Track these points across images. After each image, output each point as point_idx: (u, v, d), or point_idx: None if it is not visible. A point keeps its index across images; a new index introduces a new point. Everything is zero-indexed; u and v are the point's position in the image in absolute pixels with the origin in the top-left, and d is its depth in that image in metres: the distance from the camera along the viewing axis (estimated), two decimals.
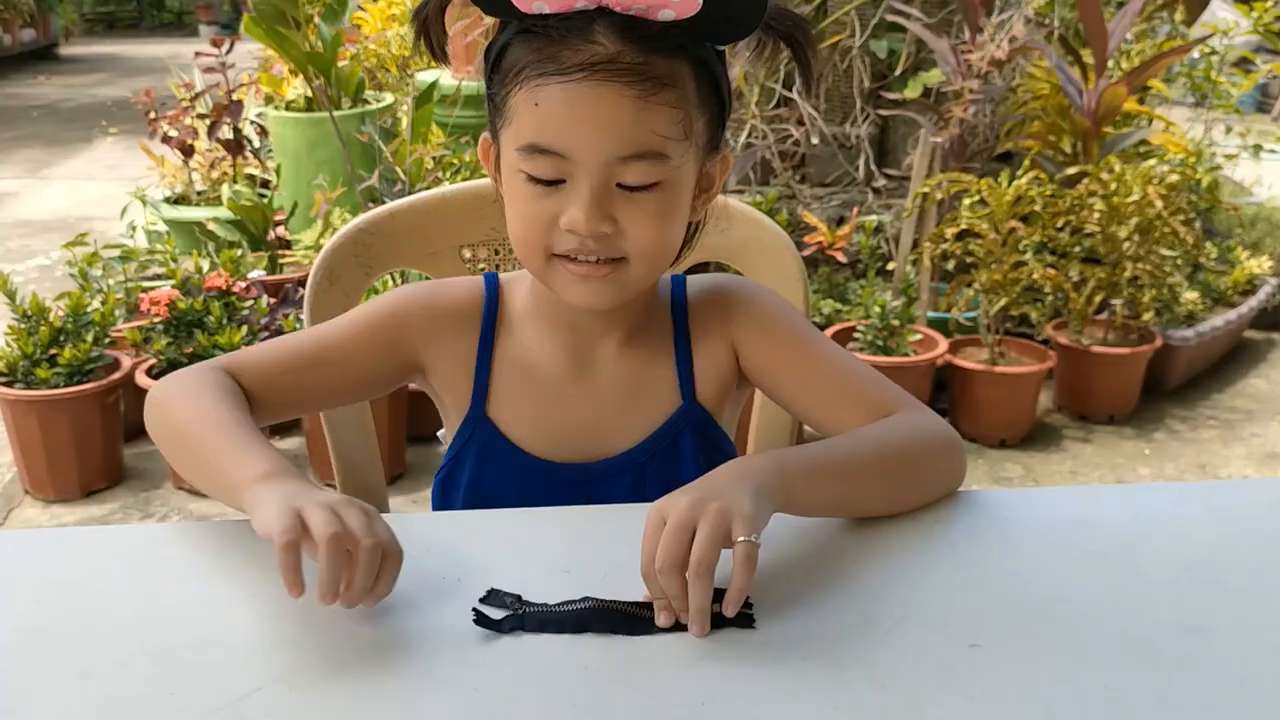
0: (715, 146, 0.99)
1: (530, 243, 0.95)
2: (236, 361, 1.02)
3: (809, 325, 1.10)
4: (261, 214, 3.60)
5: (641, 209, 0.92)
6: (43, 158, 7.04)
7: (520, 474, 1.07)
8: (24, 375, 2.77)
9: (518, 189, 0.95)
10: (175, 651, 0.78)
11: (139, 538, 0.98)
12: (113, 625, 0.81)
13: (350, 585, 0.78)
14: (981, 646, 0.79)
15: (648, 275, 0.98)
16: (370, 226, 1.31)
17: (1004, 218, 3.09)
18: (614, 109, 0.88)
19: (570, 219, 0.91)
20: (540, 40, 0.90)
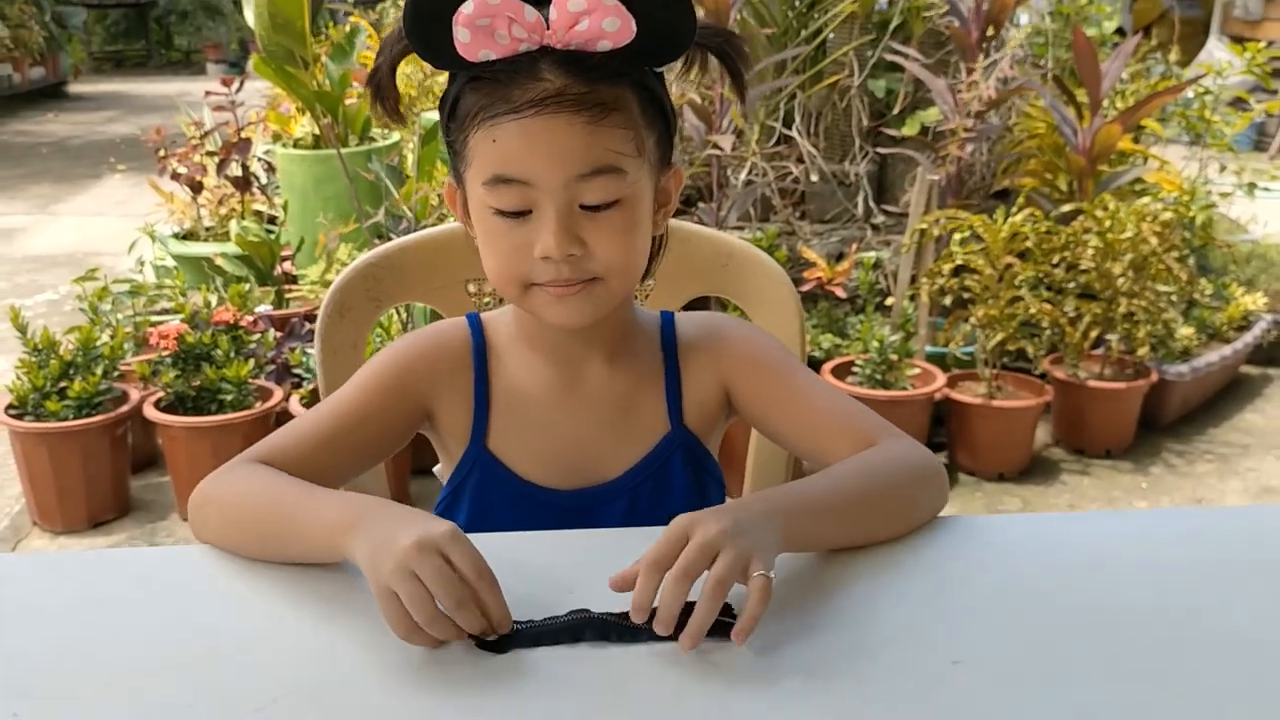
0: (667, 162, 1.06)
1: (507, 276, 1.01)
2: (265, 450, 1.03)
3: (794, 360, 1.14)
4: (268, 249, 3.65)
5: (606, 226, 0.97)
6: (52, 194, 7.12)
7: (519, 502, 1.10)
8: (34, 408, 2.81)
9: (488, 226, 1.00)
10: (194, 665, 0.82)
11: (155, 559, 1.01)
12: (132, 642, 0.85)
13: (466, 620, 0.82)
14: (963, 663, 0.82)
15: (620, 290, 1.02)
16: (380, 261, 1.35)
17: (1000, 254, 3.13)
18: (567, 135, 0.94)
19: (542, 246, 0.96)
20: (490, 85, 0.96)
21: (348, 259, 3.42)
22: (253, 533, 0.96)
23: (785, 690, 0.79)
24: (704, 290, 1.42)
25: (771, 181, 3.84)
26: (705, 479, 1.14)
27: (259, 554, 0.96)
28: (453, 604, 0.80)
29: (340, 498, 0.93)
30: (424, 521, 0.84)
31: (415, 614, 0.80)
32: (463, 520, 1.13)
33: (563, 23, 0.93)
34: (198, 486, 1.01)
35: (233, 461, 1.03)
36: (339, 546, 0.88)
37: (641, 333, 1.13)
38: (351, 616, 0.87)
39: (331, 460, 1.05)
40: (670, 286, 1.39)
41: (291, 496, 0.95)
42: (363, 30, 4.28)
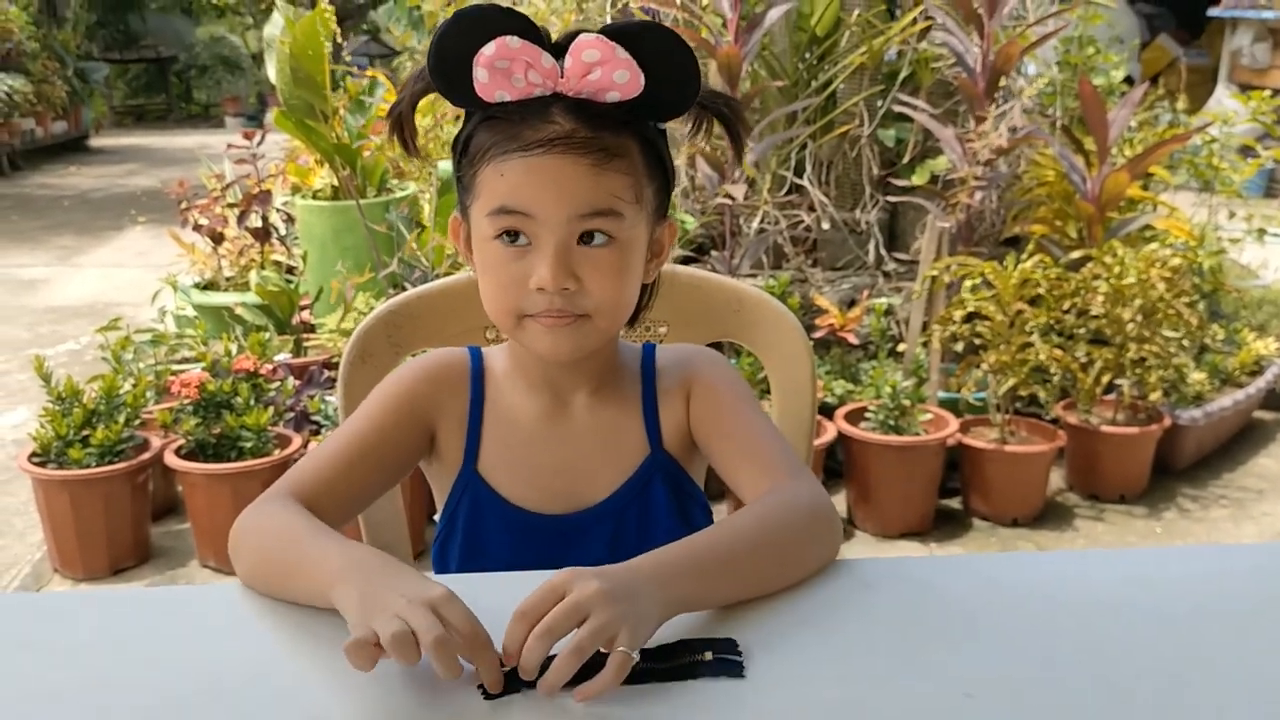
0: (663, 215, 1.12)
1: (503, 306, 1.06)
2: (292, 484, 1.07)
3: (747, 397, 1.18)
4: (288, 299, 3.70)
5: (600, 265, 1.03)
6: (74, 245, 7.22)
7: (508, 526, 1.15)
8: (57, 455, 2.85)
9: (489, 256, 1.06)
10: (202, 704, 0.84)
11: (164, 599, 1.04)
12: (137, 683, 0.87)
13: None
14: (975, 697, 0.84)
15: (608, 328, 1.08)
16: (400, 309, 1.39)
17: (1011, 300, 3.16)
18: (572, 175, 1.00)
19: (538, 278, 1.01)
20: (503, 124, 1.02)
21: (365, 308, 3.47)
22: (271, 575, 0.99)
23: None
24: (716, 336, 1.46)
25: (784, 229, 3.89)
26: (687, 503, 1.19)
27: (279, 595, 0.98)
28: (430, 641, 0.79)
29: (343, 548, 0.94)
30: (420, 583, 0.85)
31: (392, 648, 0.79)
32: (458, 548, 1.17)
33: (576, 71, 1.00)
34: (236, 522, 1.04)
35: (264, 496, 1.06)
36: (330, 595, 0.90)
37: (624, 365, 1.19)
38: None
39: (351, 486, 1.10)
40: (683, 332, 1.43)
41: (302, 541, 0.97)
42: (381, 84, 4.37)
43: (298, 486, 1.06)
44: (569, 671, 0.82)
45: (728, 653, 0.88)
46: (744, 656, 0.88)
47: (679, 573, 0.92)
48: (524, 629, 0.83)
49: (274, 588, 0.99)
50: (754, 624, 0.93)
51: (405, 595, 0.83)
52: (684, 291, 1.42)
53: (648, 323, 1.44)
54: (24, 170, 10.27)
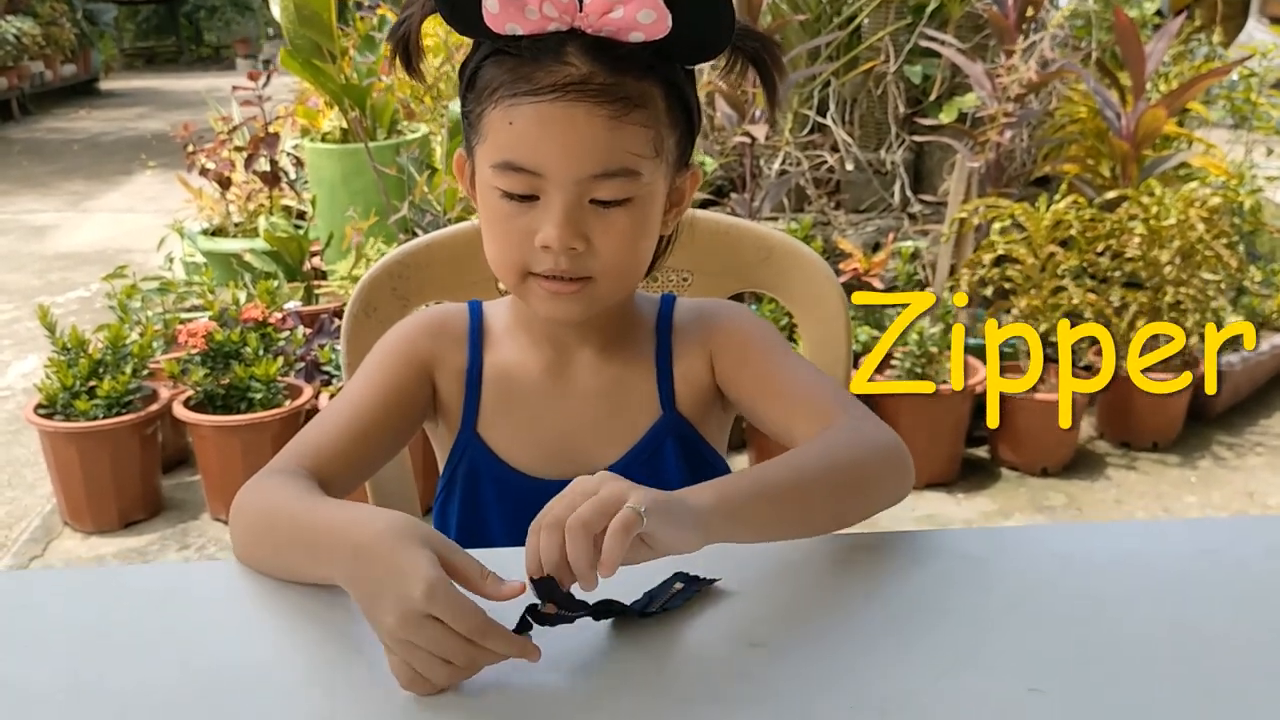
0: (686, 163, 1.02)
1: (506, 261, 0.98)
2: (298, 453, 0.99)
3: (778, 341, 1.10)
4: (297, 245, 3.62)
5: (613, 226, 0.95)
6: (83, 191, 7.15)
7: (508, 491, 1.08)
8: (63, 407, 2.79)
9: (493, 206, 0.97)
10: (212, 697, 0.77)
11: (176, 576, 0.97)
12: (148, 670, 0.80)
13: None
14: (1042, 691, 0.76)
15: (616, 291, 1.01)
16: (407, 258, 1.30)
17: (1043, 242, 3.05)
18: (586, 128, 0.91)
19: (544, 235, 0.93)
20: (513, 61, 0.92)
21: (376, 255, 3.38)
22: (268, 556, 0.92)
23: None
24: (744, 286, 1.37)
25: (806, 171, 3.78)
26: (704, 470, 1.08)
27: (282, 576, 0.91)
28: (464, 663, 0.75)
29: (333, 526, 0.85)
30: (399, 578, 0.74)
31: (432, 679, 0.75)
32: (456, 513, 1.11)
33: (596, 7, 0.89)
34: (236, 497, 0.97)
35: (268, 468, 0.99)
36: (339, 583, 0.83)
37: (639, 319, 1.11)
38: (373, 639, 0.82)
39: (366, 449, 1.03)
40: (708, 282, 1.34)
41: (298, 522, 0.89)
42: (389, 22, 4.24)
43: (303, 456, 0.99)
44: (585, 549, 0.76)
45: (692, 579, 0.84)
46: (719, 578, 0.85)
47: (729, 496, 0.86)
48: (557, 535, 0.77)
49: (273, 568, 0.92)
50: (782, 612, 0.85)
51: (398, 609, 0.74)
52: (709, 239, 1.33)
53: (671, 273, 1.35)
54: (34, 114, 10.17)
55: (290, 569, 0.90)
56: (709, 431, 1.12)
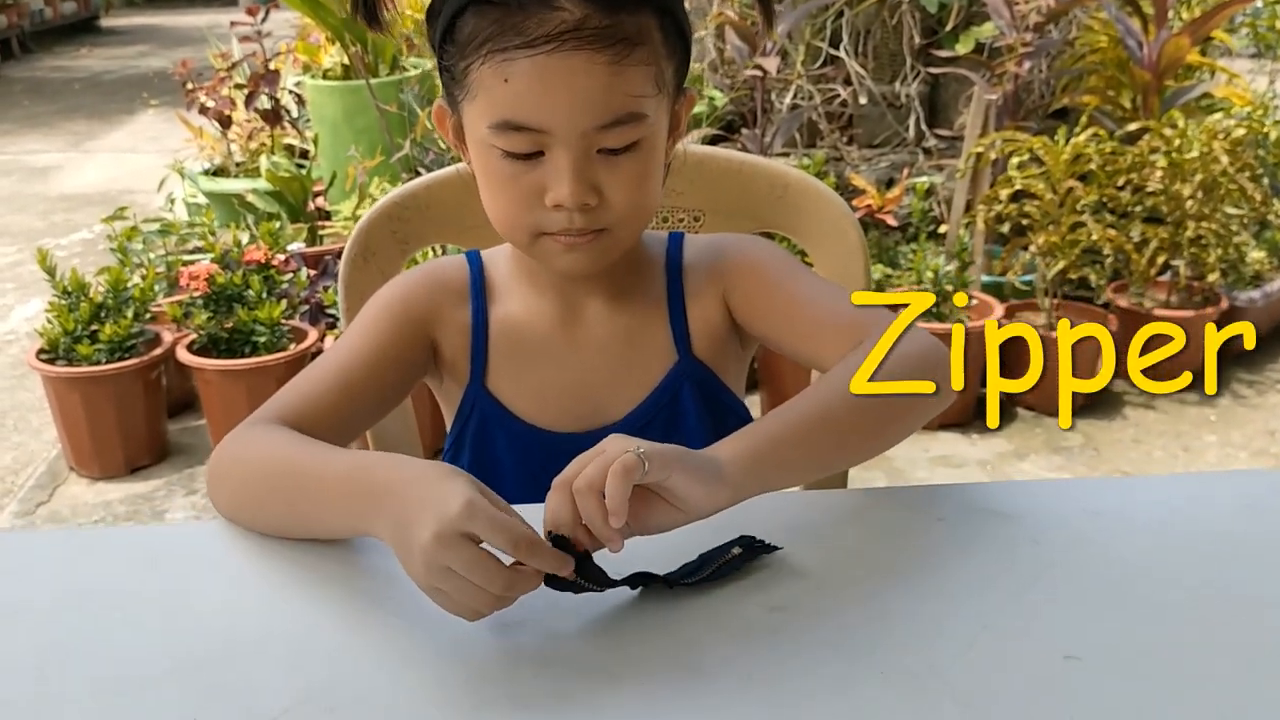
0: (681, 87, 0.96)
1: (515, 224, 0.93)
2: (284, 406, 0.94)
3: (794, 264, 1.05)
4: (300, 185, 3.55)
5: (623, 173, 0.90)
6: (85, 130, 7.07)
7: (521, 446, 1.04)
8: (65, 352, 2.75)
9: (492, 166, 0.91)
10: (200, 668, 0.73)
11: (165, 537, 0.93)
12: (133, 639, 0.76)
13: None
14: (1080, 659, 0.71)
15: (631, 238, 0.97)
16: (406, 200, 1.25)
17: (1062, 177, 2.98)
18: (587, 79, 0.85)
19: (555, 195, 0.88)
20: (497, 10, 0.85)
21: (380, 194, 3.32)
22: (270, 509, 0.88)
23: (864, 696, 0.69)
24: (758, 225, 1.31)
25: (818, 105, 3.70)
26: (724, 416, 1.05)
27: (275, 531, 0.88)
28: (500, 589, 0.71)
29: (353, 469, 0.82)
30: (435, 499, 0.73)
31: (472, 607, 0.72)
32: (465, 468, 1.03)
33: None
34: (214, 452, 0.93)
35: (249, 421, 0.94)
36: (364, 531, 0.80)
37: (647, 260, 1.05)
38: (377, 606, 0.78)
39: (354, 407, 0.98)
40: (721, 222, 1.28)
41: (308, 469, 0.85)
42: None
43: (284, 411, 0.93)
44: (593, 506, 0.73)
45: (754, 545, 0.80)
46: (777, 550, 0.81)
47: (756, 448, 0.82)
48: (565, 494, 0.75)
49: (270, 524, 0.88)
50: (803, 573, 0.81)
51: (434, 528, 0.71)
52: (721, 176, 1.27)
53: (682, 213, 1.29)
54: (35, 53, 10.04)
55: (297, 522, 0.86)
56: (727, 375, 1.07)
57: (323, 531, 0.86)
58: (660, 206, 1.28)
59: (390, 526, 0.76)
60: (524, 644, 0.74)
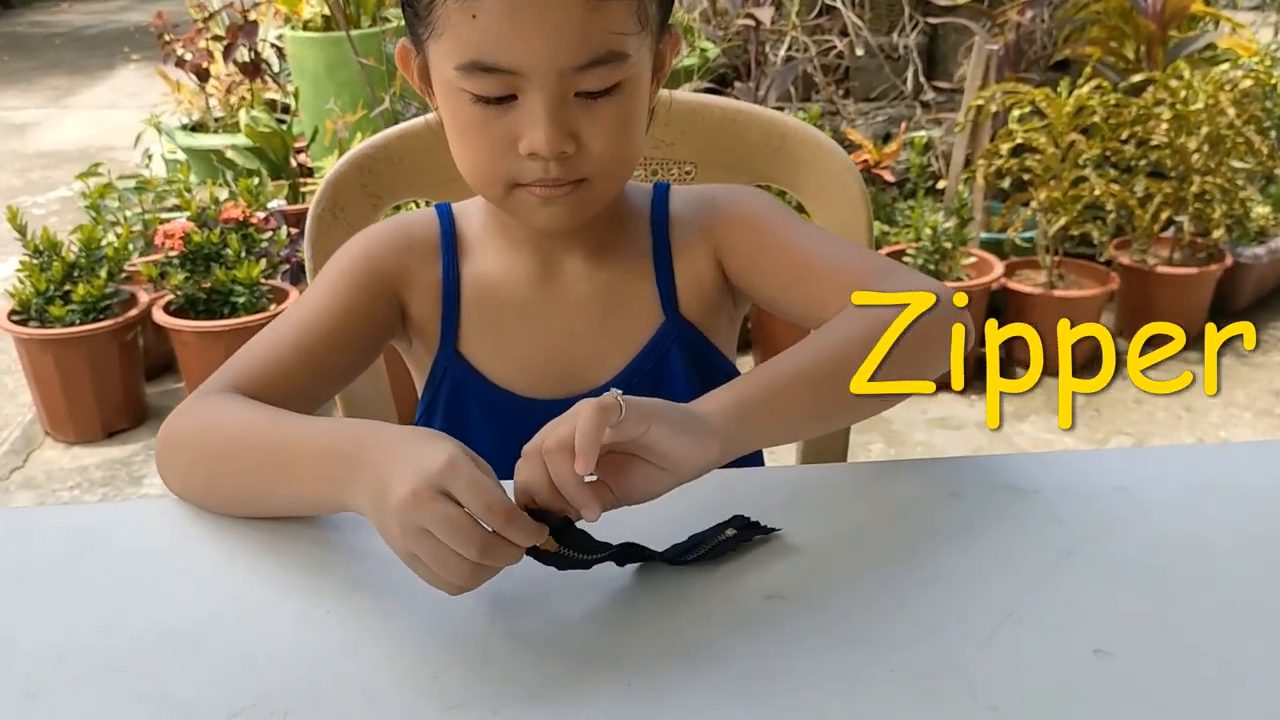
0: (665, 25, 0.88)
1: (486, 175, 0.86)
2: (237, 374, 0.87)
3: (788, 215, 0.98)
4: (281, 141, 3.46)
5: (604, 119, 0.83)
6: (65, 86, 6.93)
7: (496, 413, 0.96)
8: (37, 313, 2.67)
9: (460, 111, 0.84)
10: (139, 667, 0.66)
11: (105, 517, 0.85)
12: (66, 634, 0.69)
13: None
14: (1109, 654, 0.65)
15: (613, 189, 0.90)
16: (377, 151, 1.17)
17: (1064, 130, 2.89)
18: (563, 14, 0.78)
19: (529, 142, 0.81)
20: None
21: None
22: (229, 484, 0.81)
23: (873, 690, 0.63)
24: (754, 178, 1.23)
25: (813, 57, 3.61)
26: (714, 378, 0.95)
27: (234, 509, 0.80)
28: (476, 555, 0.64)
29: (325, 435, 0.76)
30: (415, 457, 0.67)
31: (446, 576, 0.65)
32: None
33: None
34: (163, 426, 0.86)
35: (200, 391, 0.86)
36: (338, 502, 0.73)
37: (630, 213, 0.98)
38: (347, 592, 0.71)
39: (316, 373, 0.90)
40: (715, 175, 1.21)
41: (274, 437, 0.79)
42: None
43: (239, 379, 0.86)
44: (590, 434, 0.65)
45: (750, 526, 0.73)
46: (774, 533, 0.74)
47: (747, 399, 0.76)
48: (535, 460, 0.68)
49: (228, 500, 0.81)
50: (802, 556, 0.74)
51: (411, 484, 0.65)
52: (715, 126, 1.19)
53: (673, 165, 1.21)
54: (15, 8, 9.84)
55: (261, 498, 0.79)
56: (718, 335, 1.00)
57: (289, 507, 0.79)
58: (649, 158, 1.21)
59: (368, 493, 0.69)
60: (505, 637, 0.67)
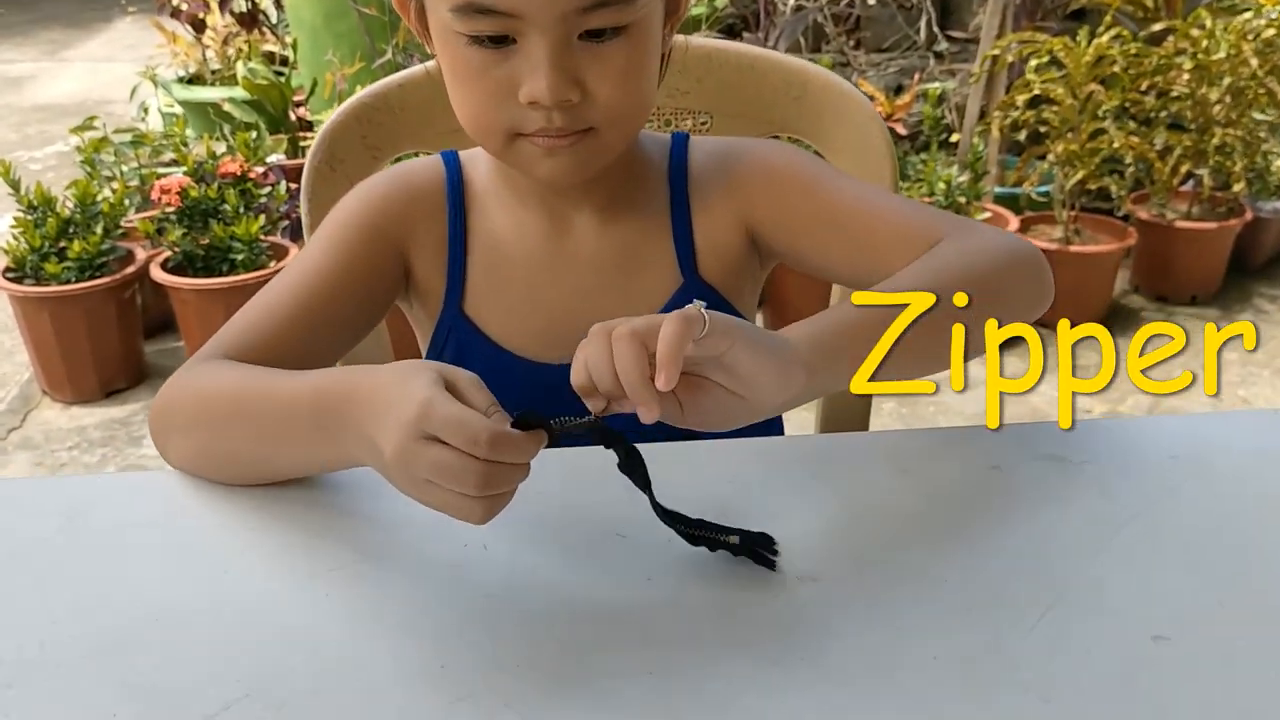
0: None
1: (486, 124, 0.80)
2: (231, 340, 0.82)
3: (828, 168, 0.92)
4: (279, 93, 3.38)
5: (611, 63, 0.77)
6: (61, 39, 6.84)
7: (504, 379, 0.88)
8: (33, 270, 2.61)
9: (459, 56, 0.78)
10: (122, 654, 0.61)
11: (94, 489, 0.80)
12: (45, 618, 0.64)
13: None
14: (1169, 639, 0.60)
15: (622, 140, 0.83)
16: (377, 101, 1.11)
17: (1082, 81, 2.82)
18: None
19: (530, 89, 0.75)
20: None
21: None
22: (229, 450, 0.76)
23: (912, 680, 0.58)
24: (772, 129, 1.17)
25: (824, 6, 3.52)
26: None
27: (237, 477, 0.76)
28: (476, 489, 0.59)
29: (313, 390, 0.71)
30: (393, 405, 0.62)
31: (460, 517, 0.61)
32: None
33: None
34: (156, 398, 0.81)
35: (193, 359, 0.82)
36: (340, 458, 0.70)
37: (647, 167, 0.91)
38: (348, 573, 0.67)
39: (312, 340, 0.84)
40: (731, 126, 1.15)
41: (270, 396, 0.74)
42: None
43: (234, 346, 0.81)
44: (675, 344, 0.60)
45: (760, 544, 0.66)
46: (779, 555, 0.66)
47: (835, 329, 0.70)
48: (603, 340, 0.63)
49: (224, 468, 0.76)
50: (835, 535, 0.69)
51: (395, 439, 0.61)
52: (731, 74, 1.13)
53: (687, 115, 1.16)
54: None
55: (263, 462, 0.75)
56: (740, 299, 0.94)
57: (293, 467, 0.75)
58: (660, 108, 1.15)
59: (363, 448, 0.65)
60: (519, 623, 0.63)
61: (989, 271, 0.78)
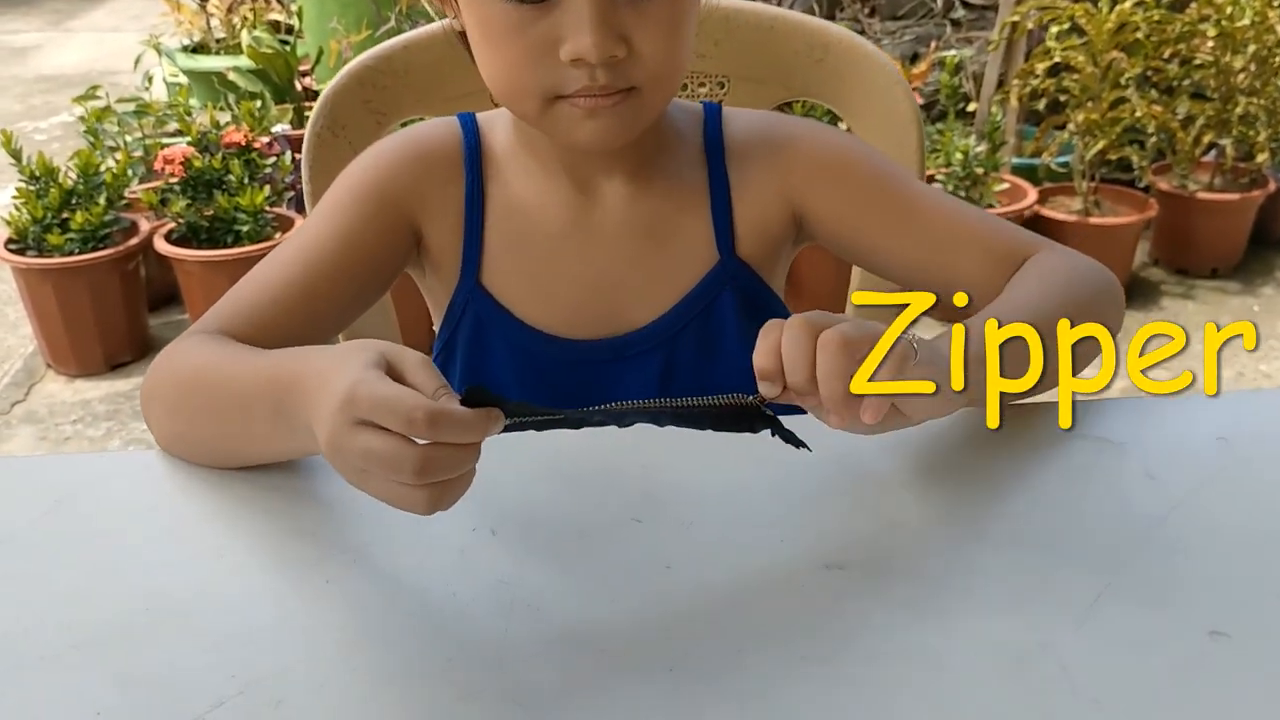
0: None
1: (523, 87, 0.75)
2: (228, 313, 0.78)
3: (892, 163, 0.89)
4: (284, 62, 3.33)
5: (654, 19, 0.73)
6: (65, 9, 6.78)
7: (524, 355, 0.87)
8: (35, 241, 2.58)
9: (491, 16, 0.74)
10: (112, 646, 0.58)
11: (82, 472, 0.77)
12: (32, 607, 0.61)
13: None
14: (1227, 635, 0.56)
15: (665, 99, 0.80)
16: (381, 64, 1.07)
17: (1104, 48, 2.76)
18: None
19: (574, 46, 0.71)
20: None
21: None
22: (200, 433, 0.73)
23: (950, 675, 0.54)
24: (791, 94, 1.13)
25: None
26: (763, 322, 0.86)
27: (213, 460, 0.72)
28: (413, 477, 0.55)
29: (265, 373, 0.67)
30: (326, 393, 0.58)
31: (405, 508, 0.57)
32: (457, 380, 0.89)
33: None
34: (147, 373, 0.77)
35: (186, 332, 0.78)
36: (296, 447, 0.68)
37: (678, 136, 0.87)
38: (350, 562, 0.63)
39: (312, 313, 0.80)
40: (750, 90, 1.10)
41: (230, 378, 0.70)
42: None
43: (230, 320, 0.77)
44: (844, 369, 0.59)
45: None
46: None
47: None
48: (808, 337, 0.60)
49: (201, 450, 0.73)
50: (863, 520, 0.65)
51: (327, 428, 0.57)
52: (751, 35, 1.09)
53: (704, 79, 1.11)
54: None
55: (230, 445, 0.71)
56: (774, 277, 0.90)
57: (257, 453, 0.71)
58: None
59: (310, 434, 0.61)
60: (529, 617, 0.59)
61: (1091, 295, 0.78)
